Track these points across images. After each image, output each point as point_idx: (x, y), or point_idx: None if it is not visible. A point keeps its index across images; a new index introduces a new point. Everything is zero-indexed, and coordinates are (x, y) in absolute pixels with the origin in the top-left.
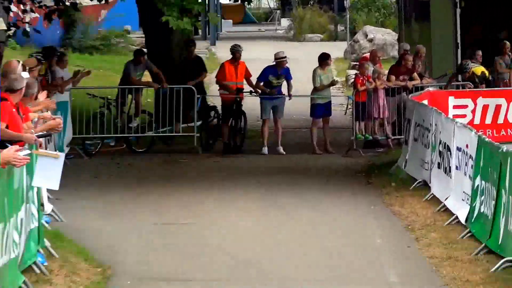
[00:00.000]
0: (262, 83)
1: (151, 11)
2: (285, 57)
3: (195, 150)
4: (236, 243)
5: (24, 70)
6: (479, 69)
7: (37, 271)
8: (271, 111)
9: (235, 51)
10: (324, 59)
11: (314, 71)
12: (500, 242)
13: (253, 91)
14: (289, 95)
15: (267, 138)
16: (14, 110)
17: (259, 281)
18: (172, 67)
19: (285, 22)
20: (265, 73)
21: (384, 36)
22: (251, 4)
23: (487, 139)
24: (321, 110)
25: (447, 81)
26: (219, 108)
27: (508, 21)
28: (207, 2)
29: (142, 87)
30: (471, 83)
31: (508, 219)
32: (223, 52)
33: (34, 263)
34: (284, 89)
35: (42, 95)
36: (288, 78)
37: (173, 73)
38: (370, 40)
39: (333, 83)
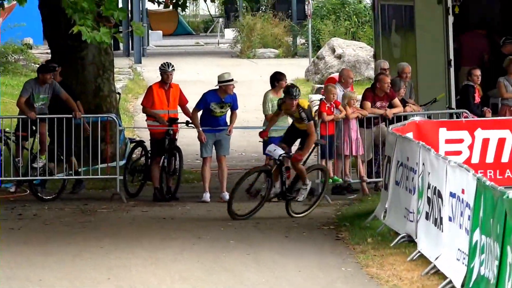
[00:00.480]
0: (200, 112)
1: (59, 20)
2: (232, 79)
3: (118, 196)
4: None
5: None
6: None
7: None
8: (214, 147)
9: (165, 72)
10: (277, 80)
11: (265, 95)
12: None
13: (190, 122)
14: (230, 129)
15: (209, 181)
16: None
17: None
18: (86, 91)
19: (230, 33)
20: (206, 99)
21: (356, 51)
22: (186, 10)
23: (488, 183)
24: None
25: None
26: (147, 143)
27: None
28: (129, 8)
29: (47, 117)
30: (467, 112)
31: None
32: (151, 71)
33: None
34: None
35: None
36: (234, 107)
37: (86, 99)
38: (339, 57)
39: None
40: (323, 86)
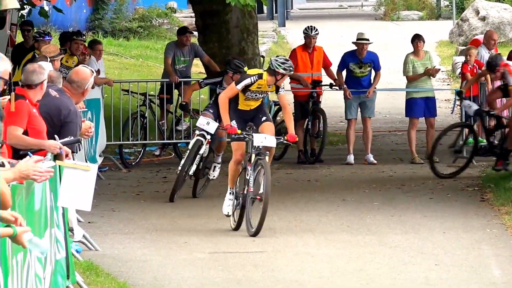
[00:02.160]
0: (343, 74)
1: None
2: (367, 39)
3: None
4: (315, 277)
5: (45, 60)
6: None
7: None
8: (358, 109)
9: (309, 36)
10: (414, 41)
11: (406, 57)
12: None
13: (334, 84)
14: (369, 91)
15: (353, 143)
16: (34, 110)
17: None
18: (228, 53)
19: None
20: (345, 60)
21: (500, 13)
22: None
23: None
24: (420, 107)
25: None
26: (291, 106)
27: None
28: None
29: (190, 79)
30: None
31: None
32: (295, 34)
33: None
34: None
35: None
36: (376, 67)
37: (227, 61)
38: (483, 19)
39: (430, 72)
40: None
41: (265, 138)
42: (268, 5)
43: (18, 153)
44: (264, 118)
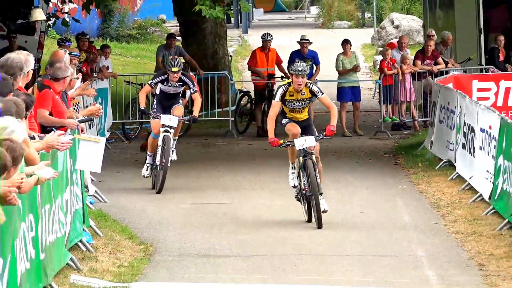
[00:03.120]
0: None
1: (184, 0)
2: (307, 39)
3: (230, 133)
4: (271, 221)
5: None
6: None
7: (83, 248)
8: None
9: (265, 40)
10: (345, 44)
11: (337, 56)
12: None
13: (284, 76)
14: (311, 80)
15: None
16: (57, 97)
17: (295, 257)
18: (205, 54)
19: (314, 10)
20: (292, 57)
21: (409, 22)
22: None
23: (509, 121)
24: (347, 94)
25: None
26: (252, 93)
27: None
28: None
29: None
30: (494, 68)
31: None
32: (255, 39)
33: (80, 241)
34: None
35: (85, 85)
36: (316, 62)
37: (204, 60)
38: (396, 27)
39: (355, 68)
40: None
41: (305, 140)
42: (234, 17)
43: (45, 129)
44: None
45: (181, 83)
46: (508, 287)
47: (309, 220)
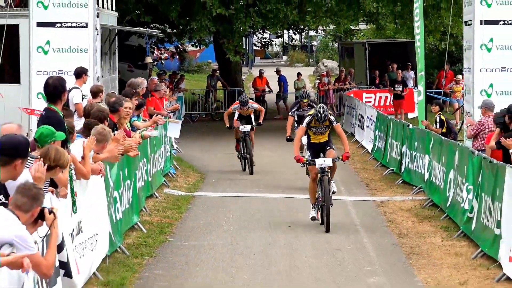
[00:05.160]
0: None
1: (221, 52)
2: (263, 71)
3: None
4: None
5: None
6: None
7: (170, 176)
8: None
9: (260, 73)
10: (299, 75)
11: (294, 81)
12: (388, 159)
13: (269, 89)
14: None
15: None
16: (158, 101)
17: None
18: (231, 78)
19: (285, 58)
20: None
21: (332, 64)
22: (268, 49)
23: (381, 113)
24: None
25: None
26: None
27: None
28: (246, 48)
29: (216, 89)
30: (373, 86)
31: (392, 148)
32: (255, 72)
33: (169, 172)
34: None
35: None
36: (282, 81)
37: (231, 82)
38: (325, 66)
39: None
40: (319, 76)
41: (324, 160)
42: (245, 60)
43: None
44: (328, 147)
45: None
46: None
47: (322, 223)
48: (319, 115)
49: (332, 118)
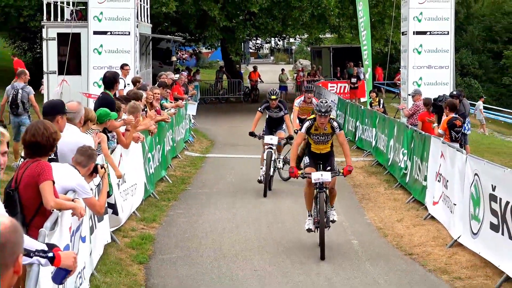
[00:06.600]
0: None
1: (226, 53)
2: (256, 67)
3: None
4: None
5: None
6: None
7: (189, 142)
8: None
9: (255, 68)
10: (282, 70)
11: (279, 75)
12: (346, 131)
13: (261, 81)
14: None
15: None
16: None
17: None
18: (233, 72)
19: (272, 58)
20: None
21: (306, 62)
22: (260, 51)
23: (341, 98)
24: (282, 88)
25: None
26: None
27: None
28: (244, 50)
29: (222, 80)
30: (336, 78)
31: (349, 123)
32: (251, 68)
33: (188, 139)
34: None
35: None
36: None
37: (233, 74)
38: (301, 64)
39: (284, 79)
40: (297, 72)
41: (321, 175)
42: (243, 60)
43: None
44: (328, 168)
45: (279, 108)
46: None
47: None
48: (322, 103)
49: (335, 124)
